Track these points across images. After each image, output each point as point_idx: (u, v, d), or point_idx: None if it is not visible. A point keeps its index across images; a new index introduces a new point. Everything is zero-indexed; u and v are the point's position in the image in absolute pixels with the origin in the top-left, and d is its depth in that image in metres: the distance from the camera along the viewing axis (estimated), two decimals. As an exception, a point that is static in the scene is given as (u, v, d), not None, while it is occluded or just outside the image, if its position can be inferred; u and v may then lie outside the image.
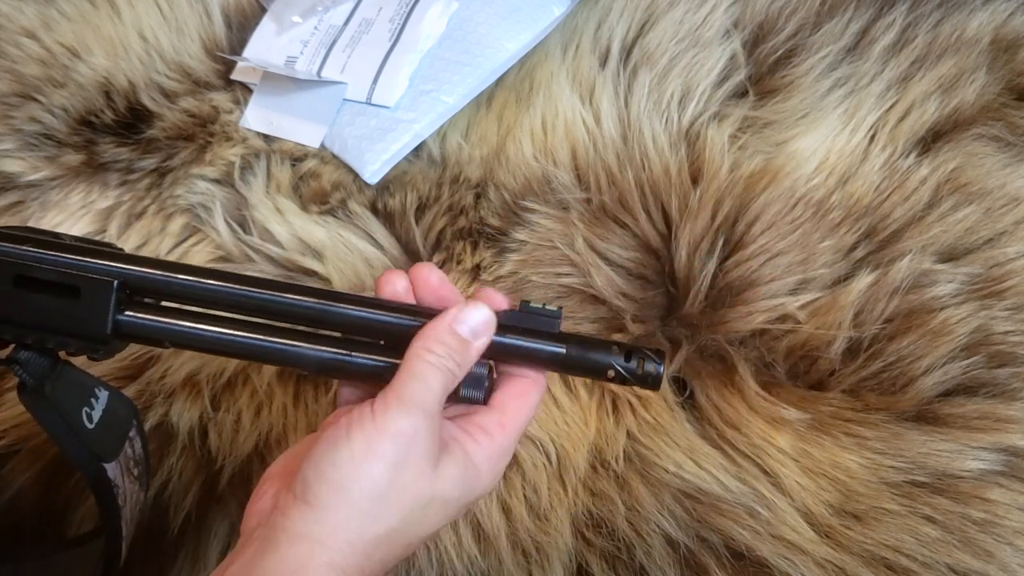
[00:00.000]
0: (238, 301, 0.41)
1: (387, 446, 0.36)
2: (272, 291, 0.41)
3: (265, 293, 0.41)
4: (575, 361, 0.41)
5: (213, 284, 0.41)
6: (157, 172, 0.72)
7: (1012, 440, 0.55)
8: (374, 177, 0.69)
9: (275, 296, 0.41)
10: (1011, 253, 0.61)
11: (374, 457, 0.36)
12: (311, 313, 0.41)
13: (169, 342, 0.41)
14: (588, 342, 0.42)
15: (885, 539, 0.54)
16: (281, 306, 0.41)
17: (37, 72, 0.74)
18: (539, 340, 0.41)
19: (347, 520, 0.36)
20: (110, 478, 0.45)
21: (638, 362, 0.41)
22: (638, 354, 0.41)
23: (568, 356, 0.41)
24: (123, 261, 0.41)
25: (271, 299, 0.41)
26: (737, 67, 0.71)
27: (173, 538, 0.58)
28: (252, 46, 0.76)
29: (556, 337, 0.42)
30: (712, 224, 0.63)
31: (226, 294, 0.41)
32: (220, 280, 0.41)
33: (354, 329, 0.42)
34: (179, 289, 0.41)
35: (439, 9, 0.73)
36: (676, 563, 0.55)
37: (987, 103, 0.69)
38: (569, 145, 0.69)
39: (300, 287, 0.42)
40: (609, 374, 0.41)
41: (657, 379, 0.41)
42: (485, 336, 0.40)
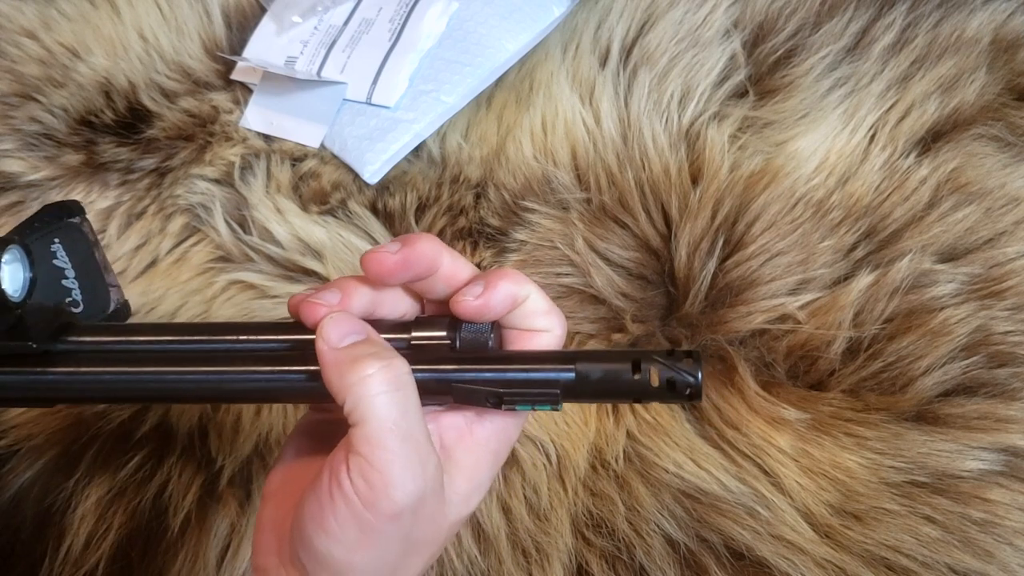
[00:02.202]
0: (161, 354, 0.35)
1: (388, 532, 0.30)
2: (180, 337, 0.35)
3: (178, 341, 0.35)
4: (586, 386, 0.32)
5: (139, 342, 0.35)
6: (157, 172, 0.72)
7: (1012, 440, 0.55)
8: (374, 177, 0.69)
9: (187, 343, 0.35)
10: (1011, 253, 0.61)
11: (372, 544, 0.30)
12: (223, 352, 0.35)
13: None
14: (600, 356, 0.33)
15: (885, 539, 0.54)
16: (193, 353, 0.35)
17: (37, 72, 0.74)
18: (542, 366, 0.33)
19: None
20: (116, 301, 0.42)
21: (668, 382, 0.31)
22: (668, 371, 0.31)
23: (579, 379, 0.32)
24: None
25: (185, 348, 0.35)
26: (737, 67, 0.71)
27: (173, 538, 0.58)
28: (252, 46, 0.76)
29: (563, 359, 0.33)
30: (712, 224, 0.63)
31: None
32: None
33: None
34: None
35: (439, 9, 0.73)
36: (676, 563, 0.55)
37: (987, 103, 0.69)
38: (569, 145, 0.69)
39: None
40: (636, 399, 0.33)
41: (697, 391, 0.31)
42: (360, 326, 0.33)
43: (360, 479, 0.30)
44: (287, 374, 0.34)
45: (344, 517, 0.30)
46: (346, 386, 0.30)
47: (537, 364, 0.33)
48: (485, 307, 0.34)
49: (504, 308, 0.34)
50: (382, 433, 0.30)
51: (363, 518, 0.30)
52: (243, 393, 0.36)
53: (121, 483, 0.60)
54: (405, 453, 0.30)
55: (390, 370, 0.31)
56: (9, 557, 0.59)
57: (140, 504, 0.59)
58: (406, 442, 0.30)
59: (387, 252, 0.33)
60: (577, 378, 0.32)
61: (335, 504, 0.30)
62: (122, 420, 0.62)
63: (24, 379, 0.34)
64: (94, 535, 0.58)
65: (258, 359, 0.34)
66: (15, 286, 0.34)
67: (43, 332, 0.35)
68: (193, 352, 0.35)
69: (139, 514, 0.59)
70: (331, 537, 0.30)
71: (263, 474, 0.60)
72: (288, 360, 0.34)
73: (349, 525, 0.30)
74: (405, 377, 0.31)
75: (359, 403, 0.30)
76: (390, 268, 0.33)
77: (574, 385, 0.32)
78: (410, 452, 0.30)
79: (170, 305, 0.66)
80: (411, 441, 0.30)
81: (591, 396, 0.33)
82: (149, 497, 0.59)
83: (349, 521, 0.30)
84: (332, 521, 0.30)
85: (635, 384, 0.32)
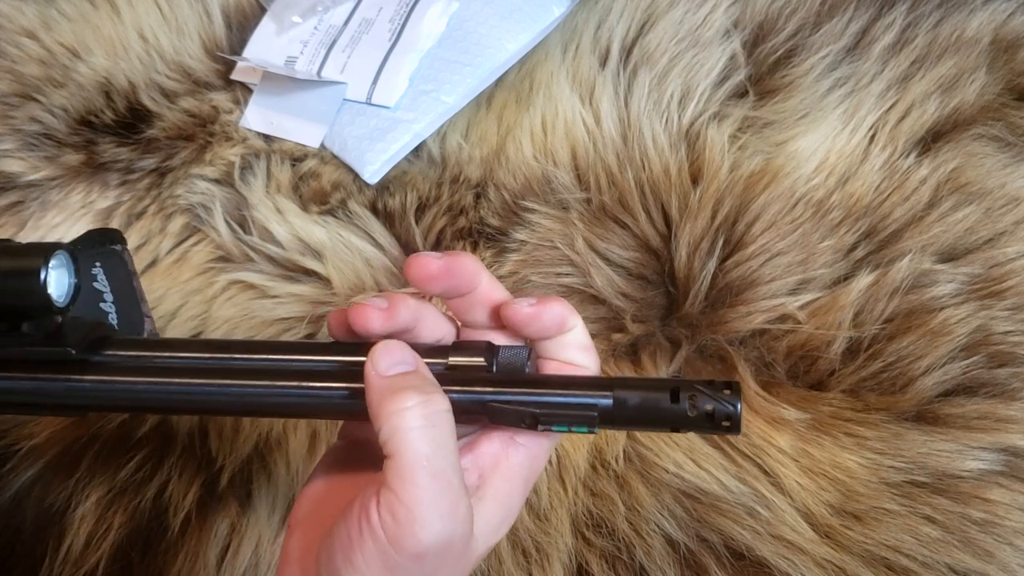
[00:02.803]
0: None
1: (411, 570, 0.30)
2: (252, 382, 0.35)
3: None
4: (625, 412, 0.32)
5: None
6: (157, 172, 0.72)
7: (1012, 440, 0.55)
8: (374, 177, 0.69)
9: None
10: (1011, 253, 0.61)
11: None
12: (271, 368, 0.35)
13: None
14: (638, 384, 0.33)
15: (885, 539, 0.54)
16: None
17: (37, 72, 0.74)
18: (579, 391, 0.33)
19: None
20: (149, 331, 0.42)
21: (707, 415, 0.31)
22: (707, 401, 0.31)
23: (616, 406, 0.32)
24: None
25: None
26: (737, 67, 0.71)
27: (173, 538, 0.58)
28: (252, 46, 0.76)
29: (600, 385, 0.33)
30: (712, 224, 0.63)
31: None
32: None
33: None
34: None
35: (439, 9, 0.73)
36: (676, 563, 0.55)
37: (987, 103, 0.69)
38: (569, 145, 0.69)
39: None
40: (676, 429, 0.32)
41: (737, 422, 0.31)
42: (419, 359, 0.33)
43: (388, 514, 0.30)
44: (329, 390, 0.34)
45: (370, 553, 0.30)
46: (384, 415, 0.30)
47: (575, 388, 0.33)
48: (536, 317, 0.34)
49: (553, 327, 0.35)
50: (414, 468, 0.30)
51: (388, 555, 0.29)
52: (283, 407, 0.35)
53: (121, 483, 0.60)
54: (435, 490, 0.30)
55: (429, 405, 0.31)
56: (9, 557, 0.59)
57: (140, 504, 0.59)
58: (436, 479, 0.30)
59: (431, 257, 0.34)
60: (615, 404, 0.32)
61: (363, 538, 0.30)
62: (123, 420, 0.62)
63: (61, 386, 0.35)
64: (94, 535, 0.58)
65: (298, 374, 0.34)
66: (60, 291, 0.35)
67: (82, 341, 0.35)
68: (232, 367, 0.35)
69: (139, 514, 0.59)
70: (357, 572, 0.30)
71: (263, 474, 0.60)
72: (329, 377, 0.34)
73: (374, 561, 0.30)
74: (444, 415, 0.31)
75: (394, 434, 0.30)
76: (433, 272, 0.34)
77: (611, 411, 0.32)
78: (440, 490, 0.30)
79: (170, 305, 0.66)
80: (442, 480, 0.30)
81: (628, 423, 0.33)
82: (149, 497, 0.59)
83: (375, 557, 0.30)
84: (359, 556, 0.30)
85: (673, 413, 0.31)
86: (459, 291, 0.35)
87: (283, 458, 0.60)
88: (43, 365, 0.35)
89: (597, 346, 0.61)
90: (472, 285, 0.35)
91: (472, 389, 0.33)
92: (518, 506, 0.34)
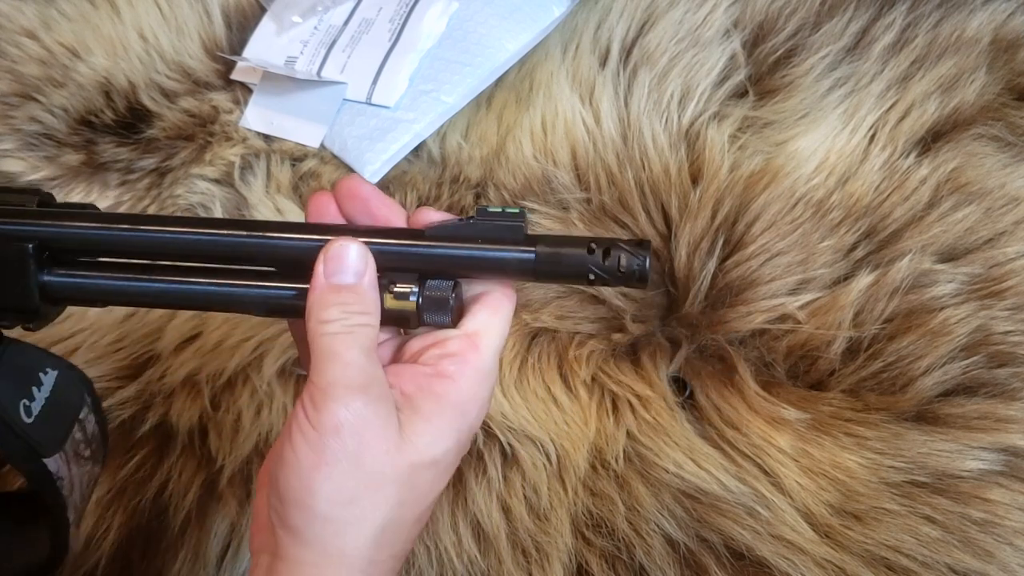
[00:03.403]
0: (163, 245, 0.37)
1: (333, 444, 0.32)
2: (196, 229, 0.37)
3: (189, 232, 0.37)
4: (547, 266, 0.36)
5: (135, 231, 0.37)
6: (157, 172, 0.72)
7: (1012, 440, 0.55)
8: (374, 177, 0.69)
9: (200, 234, 0.37)
10: (1011, 253, 0.61)
11: (325, 463, 0.32)
12: (239, 247, 0.37)
13: (102, 300, 0.38)
14: (560, 241, 0.36)
15: (885, 539, 0.54)
16: (208, 245, 0.37)
17: (37, 72, 0.74)
18: (504, 247, 0.36)
19: (327, 536, 0.33)
20: (51, 471, 0.42)
21: (618, 258, 0.35)
22: (617, 249, 0.35)
23: (539, 261, 0.36)
24: (36, 218, 0.37)
25: (196, 238, 0.37)
26: (737, 67, 0.71)
27: (173, 538, 0.58)
28: (252, 46, 0.76)
29: (523, 241, 0.36)
30: (712, 224, 0.63)
31: (152, 240, 0.37)
32: (142, 224, 0.37)
33: (294, 263, 0.37)
34: (101, 241, 0.37)
35: (439, 9, 0.73)
36: (676, 563, 0.55)
37: (987, 103, 0.69)
38: (569, 145, 0.69)
39: (226, 221, 0.38)
40: (589, 277, 0.35)
41: (643, 275, 0.35)
42: (369, 268, 0.35)
43: (308, 400, 0.33)
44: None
45: (298, 442, 0.33)
46: (312, 320, 0.34)
47: (500, 244, 0.36)
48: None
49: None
50: (329, 357, 0.33)
51: (309, 436, 0.33)
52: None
53: (121, 482, 0.60)
54: (348, 375, 0.33)
55: (350, 319, 0.34)
56: (9, 557, 0.59)
57: (140, 503, 0.59)
58: (349, 367, 0.33)
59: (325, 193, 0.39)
60: (537, 258, 0.35)
61: (291, 434, 0.33)
62: (123, 419, 0.62)
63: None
64: (94, 535, 0.58)
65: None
66: None
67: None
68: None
69: (139, 513, 0.59)
70: (288, 466, 0.33)
71: (263, 474, 0.60)
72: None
73: (301, 448, 0.33)
74: (364, 329, 0.34)
75: (315, 337, 0.34)
76: (326, 201, 0.39)
77: (534, 264, 0.36)
78: (352, 375, 0.33)
79: (170, 305, 0.66)
80: (355, 368, 0.33)
81: (549, 276, 0.36)
82: (149, 496, 0.59)
83: (301, 444, 0.33)
84: (289, 450, 0.33)
85: (588, 264, 0.35)
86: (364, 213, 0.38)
87: (283, 458, 0.60)
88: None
89: (597, 346, 0.61)
90: (367, 204, 0.38)
91: (404, 242, 0.36)
92: (451, 428, 0.35)
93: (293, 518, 0.33)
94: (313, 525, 0.33)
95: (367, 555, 0.33)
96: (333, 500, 0.33)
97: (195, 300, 0.38)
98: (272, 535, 0.34)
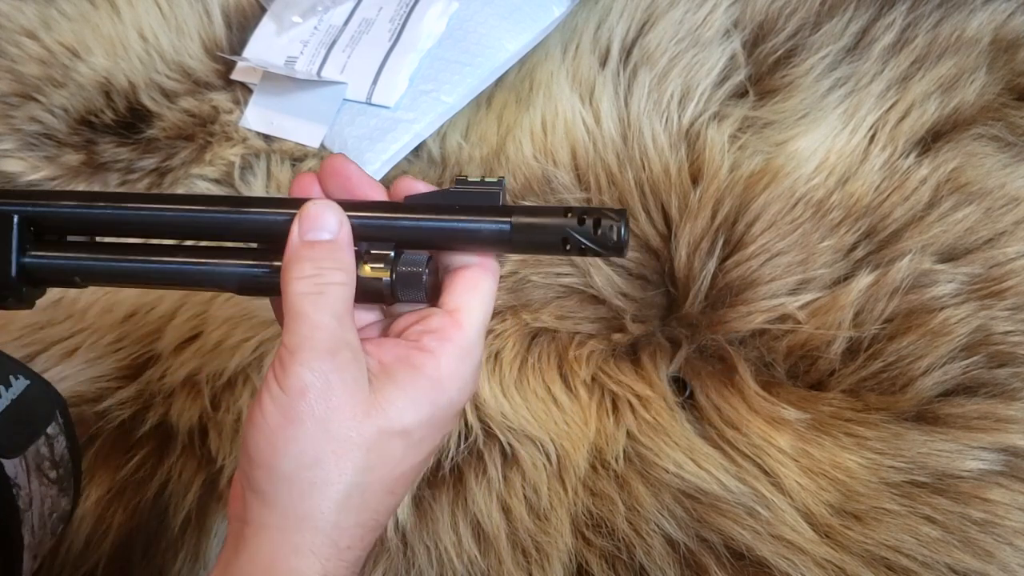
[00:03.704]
0: (148, 223, 0.38)
1: (299, 406, 0.33)
2: (176, 205, 0.38)
3: (170, 209, 0.38)
4: (523, 235, 0.35)
5: (115, 208, 0.38)
6: (157, 172, 0.72)
7: (1012, 440, 0.55)
8: (374, 177, 0.69)
9: (182, 212, 0.37)
10: (1011, 253, 0.61)
11: (290, 423, 0.33)
12: (221, 223, 0.37)
13: (80, 278, 0.38)
14: (536, 211, 0.35)
15: (885, 539, 0.54)
16: (190, 221, 0.37)
17: (37, 72, 0.74)
18: (478, 217, 0.36)
19: (292, 498, 0.33)
20: (8, 476, 0.41)
21: (595, 225, 0.34)
22: (594, 215, 0.34)
23: (515, 231, 0.35)
24: (23, 197, 0.38)
25: (179, 216, 0.37)
26: (737, 67, 0.71)
27: (173, 538, 0.58)
28: (252, 46, 0.76)
29: (498, 211, 0.35)
30: (712, 224, 0.63)
31: (133, 217, 0.38)
32: (120, 202, 0.38)
33: (273, 238, 0.37)
34: (82, 219, 0.38)
35: (439, 9, 0.73)
36: (676, 563, 0.55)
37: (987, 103, 0.69)
38: (569, 145, 0.69)
39: (209, 197, 0.39)
40: (565, 246, 0.35)
41: (620, 244, 0.34)
42: (344, 228, 0.35)
43: (278, 363, 0.33)
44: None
45: (266, 403, 0.33)
46: (286, 279, 0.34)
47: (477, 215, 0.36)
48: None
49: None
50: (298, 319, 0.33)
51: (277, 397, 0.33)
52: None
53: (121, 482, 0.60)
54: (315, 338, 0.33)
55: (321, 277, 0.34)
56: (9, 557, 0.59)
57: (140, 504, 0.59)
58: (318, 329, 0.33)
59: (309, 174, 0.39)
60: (513, 228, 0.35)
61: (260, 396, 0.33)
62: (122, 420, 0.62)
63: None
64: (94, 535, 0.58)
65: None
66: None
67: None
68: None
69: (139, 514, 0.59)
70: (257, 427, 0.33)
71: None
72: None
73: (269, 410, 0.33)
74: (336, 288, 0.34)
75: (287, 297, 0.34)
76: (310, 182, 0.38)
77: (510, 235, 0.35)
78: (320, 339, 0.33)
79: (169, 305, 0.66)
80: (324, 331, 0.33)
81: (526, 246, 0.36)
82: (149, 497, 0.59)
83: (269, 405, 0.33)
84: (258, 412, 0.33)
85: (564, 231, 0.34)
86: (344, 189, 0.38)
87: (283, 458, 0.60)
88: None
89: (597, 346, 0.61)
90: (349, 182, 0.38)
91: (381, 213, 0.36)
92: (427, 401, 0.35)
93: (259, 480, 0.33)
94: (279, 487, 0.33)
95: (332, 519, 0.33)
96: (298, 461, 0.33)
97: (171, 278, 0.38)
98: (245, 507, 0.34)
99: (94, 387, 0.63)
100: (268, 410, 0.33)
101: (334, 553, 0.33)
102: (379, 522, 0.35)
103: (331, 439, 0.33)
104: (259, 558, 0.33)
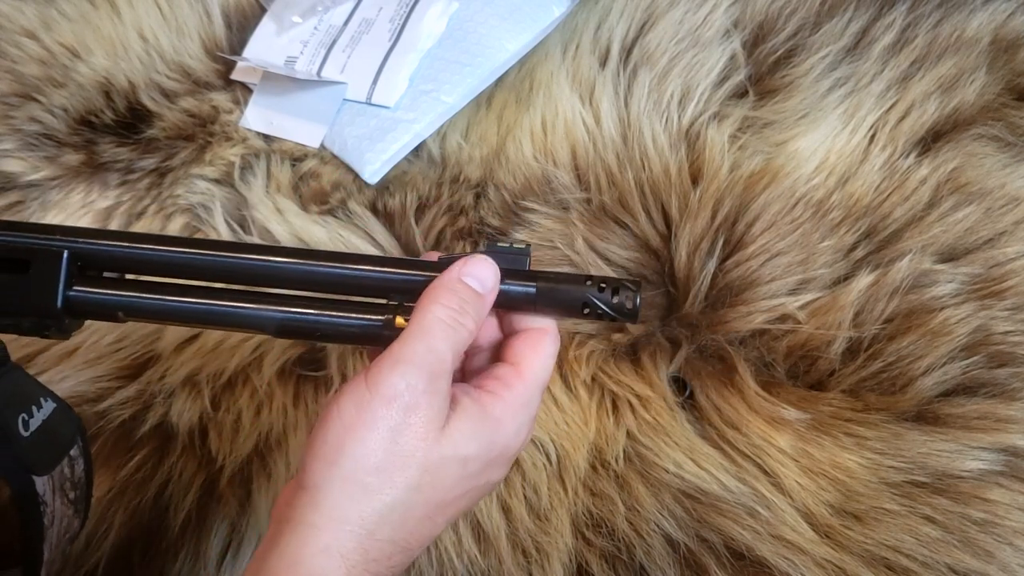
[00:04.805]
0: (197, 267, 0.39)
1: (380, 411, 0.34)
2: (232, 253, 0.39)
3: (225, 257, 0.39)
4: (547, 299, 0.39)
5: (167, 251, 0.39)
6: (157, 172, 0.72)
7: (1012, 440, 0.55)
8: (374, 177, 0.69)
9: (236, 258, 0.39)
10: (1011, 253, 0.61)
11: (365, 425, 0.34)
12: (291, 275, 0.39)
13: (123, 312, 0.39)
14: (559, 278, 0.39)
15: (885, 539, 0.54)
16: (247, 269, 0.39)
17: (37, 72, 0.74)
18: (506, 280, 0.39)
19: (341, 498, 0.34)
20: (38, 493, 0.42)
21: (612, 293, 0.38)
22: (612, 284, 0.38)
23: (539, 294, 0.39)
24: (73, 234, 0.39)
25: (232, 262, 0.39)
26: (737, 67, 0.71)
27: (173, 538, 0.58)
28: (252, 46, 0.76)
29: (525, 275, 0.39)
30: (712, 224, 0.63)
31: (183, 260, 0.39)
32: (174, 246, 0.39)
33: (337, 288, 0.39)
34: (132, 259, 0.39)
35: (439, 9, 0.73)
36: (676, 563, 0.55)
37: (987, 103, 0.69)
38: (569, 145, 0.69)
39: (268, 247, 0.40)
40: (584, 310, 0.39)
41: (635, 311, 0.38)
42: (495, 290, 0.39)
43: (375, 368, 0.35)
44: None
45: (344, 400, 0.34)
46: (429, 297, 0.37)
47: (505, 278, 0.39)
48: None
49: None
50: (421, 334, 0.35)
51: (360, 396, 0.34)
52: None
53: (121, 482, 0.60)
54: (426, 358, 0.35)
55: (460, 316, 0.36)
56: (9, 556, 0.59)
57: (140, 504, 0.59)
58: (432, 352, 0.35)
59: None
60: (538, 292, 0.39)
61: (340, 395, 0.35)
62: (123, 419, 0.62)
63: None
64: (94, 535, 0.58)
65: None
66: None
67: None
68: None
69: (139, 514, 0.59)
70: (329, 422, 0.34)
71: (263, 474, 0.60)
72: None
73: (348, 408, 0.34)
74: (463, 332, 0.37)
75: (422, 310, 0.36)
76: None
77: (535, 297, 0.39)
78: (423, 355, 0.35)
79: (170, 305, 0.66)
80: (431, 355, 0.35)
81: (548, 309, 0.40)
82: (149, 497, 0.59)
83: (347, 403, 0.34)
84: (334, 408, 0.34)
85: (586, 296, 0.38)
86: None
87: (283, 458, 0.60)
88: None
89: (597, 346, 0.62)
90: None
91: (419, 272, 0.39)
92: (487, 439, 0.37)
93: (316, 473, 0.34)
94: (333, 484, 0.34)
95: (369, 528, 0.34)
96: (359, 463, 0.34)
97: (217, 319, 0.40)
98: (289, 505, 0.35)
99: (94, 387, 0.63)
100: (346, 408, 0.34)
101: (360, 561, 0.34)
102: (411, 545, 0.36)
103: (397, 451, 0.34)
104: (288, 552, 0.33)
